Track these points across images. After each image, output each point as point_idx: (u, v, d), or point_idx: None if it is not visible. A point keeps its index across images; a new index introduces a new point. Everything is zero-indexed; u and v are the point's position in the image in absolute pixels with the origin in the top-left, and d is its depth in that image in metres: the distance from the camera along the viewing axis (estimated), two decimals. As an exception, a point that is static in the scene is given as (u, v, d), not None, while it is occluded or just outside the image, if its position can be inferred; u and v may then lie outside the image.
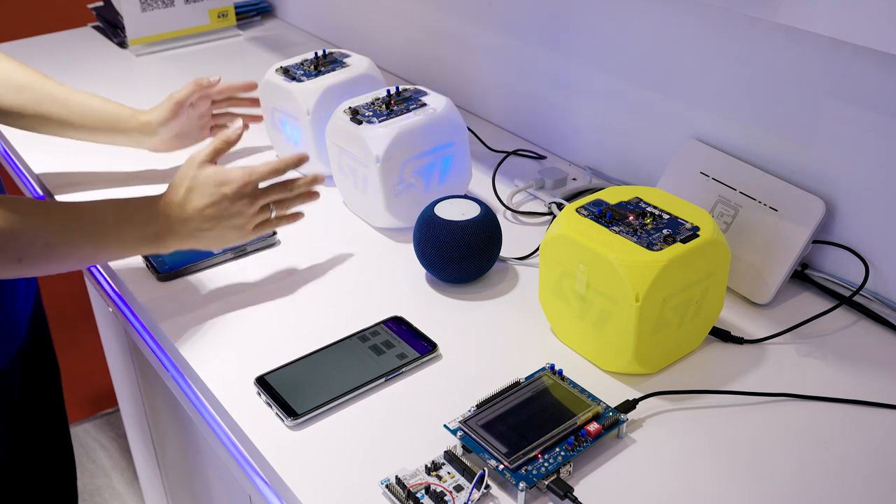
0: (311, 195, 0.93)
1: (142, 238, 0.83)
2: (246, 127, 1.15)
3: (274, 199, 0.89)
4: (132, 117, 1.08)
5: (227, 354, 0.82)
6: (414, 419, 0.74)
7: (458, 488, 0.66)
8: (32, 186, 1.19)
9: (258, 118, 1.19)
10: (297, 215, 0.93)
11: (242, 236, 0.88)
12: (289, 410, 0.74)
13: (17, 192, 1.33)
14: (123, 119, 1.08)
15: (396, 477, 0.67)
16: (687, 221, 0.77)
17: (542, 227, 1.03)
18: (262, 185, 0.88)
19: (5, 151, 1.30)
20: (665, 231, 0.75)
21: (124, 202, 0.84)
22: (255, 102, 1.19)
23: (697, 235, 0.75)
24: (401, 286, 0.91)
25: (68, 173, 1.13)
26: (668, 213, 0.78)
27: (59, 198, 1.09)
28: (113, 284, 0.98)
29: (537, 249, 0.95)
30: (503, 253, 0.94)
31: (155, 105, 1.10)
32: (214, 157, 0.88)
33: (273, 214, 0.89)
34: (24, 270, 0.79)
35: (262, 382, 0.77)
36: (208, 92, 1.11)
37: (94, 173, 1.13)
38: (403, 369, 0.79)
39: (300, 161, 0.91)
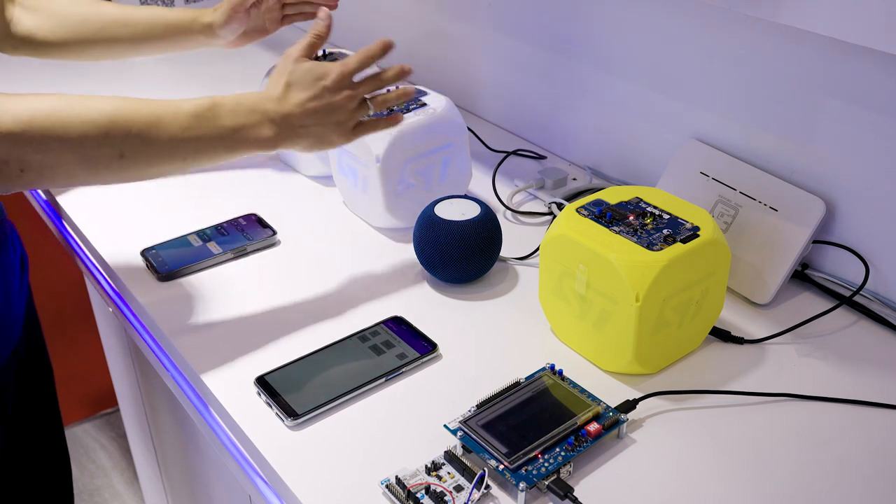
0: (407, 94, 0.88)
1: (243, 134, 0.80)
2: (333, 6, 1.10)
3: (370, 93, 0.85)
4: (195, 21, 1.06)
5: (227, 354, 0.82)
6: (414, 419, 0.74)
7: (459, 488, 0.66)
8: (36, 192, 1.19)
9: (333, 3, 1.11)
10: (397, 117, 0.88)
11: (344, 135, 0.84)
12: (289, 410, 0.74)
13: (20, 197, 1.33)
14: (186, 24, 1.06)
15: (396, 477, 0.67)
16: (687, 221, 0.77)
17: (542, 227, 1.03)
18: (355, 79, 0.85)
19: None
20: (665, 231, 0.75)
21: (220, 98, 0.81)
22: None
23: (697, 235, 0.75)
24: (401, 286, 0.91)
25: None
26: (668, 213, 0.78)
27: (60, 199, 1.09)
28: (113, 284, 0.98)
29: (537, 249, 0.95)
30: (503, 253, 0.94)
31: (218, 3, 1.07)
32: (309, 53, 0.85)
33: (371, 112, 0.86)
34: (128, 170, 0.77)
35: (262, 382, 0.77)
36: None
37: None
38: (403, 369, 0.79)
39: (385, 47, 0.87)
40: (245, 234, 0.99)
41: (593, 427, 0.69)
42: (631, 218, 0.78)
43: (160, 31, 1.06)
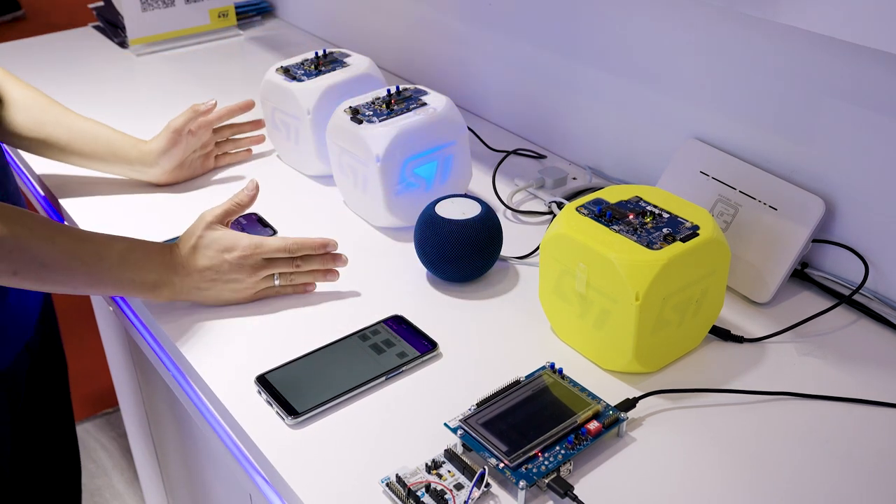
0: (327, 274, 0.90)
1: (139, 284, 0.84)
2: (248, 152, 1.18)
3: (279, 272, 0.88)
4: (134, 147, 1.07)
5: (228, 353, 0.82)
6: (414, 418, 0.74)
7: (459, 487, 0.66)
8: (35, 188, 1.19)
9: (261, 139, 1.20)
10: (307, 286, 0.90)
11: (240, 298, 0.88)
12: (289, 409, 0.74)
13: (20, 193, 1.33)
14: (125, 148, 1.07)
15: (397, 475, 0.67)
16: (687, 220, 0.77)
17: (542, 226, 1.03)
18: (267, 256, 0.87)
19: (7, 152, 1.30)
20: (665, 230, 0.76)
21: (133, 245, 0.84)
22: (256, 124, 1.18)
23: (697, 234, 0.75)
24: (401, 285, 0.92)
25: (70, 175, 1.13)
26: (667, 212, 0.78)
27: (62, 201, 1.09)
28: (113, 284, 0.98)
29: (537, 248, 0.95)
30: (503, 252, 0.94)
31: (156, 134, 1.09)
32: (225, 219, 0.88)
33: (277, 283, 0.88)
34: (19, 283, 0.79)
35: (263, 381, 0.78)
36: (208, 119, 1.11)
37: (96, 176, 1.13)
38: (404, 368, 0.79)
39: (323, 247, 0.89)
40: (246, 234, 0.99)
41: (593, 425, 0.69)
42: (631, 217, 0.78)
43: (95, 147, 1.07)
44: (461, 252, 0.87)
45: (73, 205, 1.08)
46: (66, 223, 0.83)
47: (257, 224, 1.01)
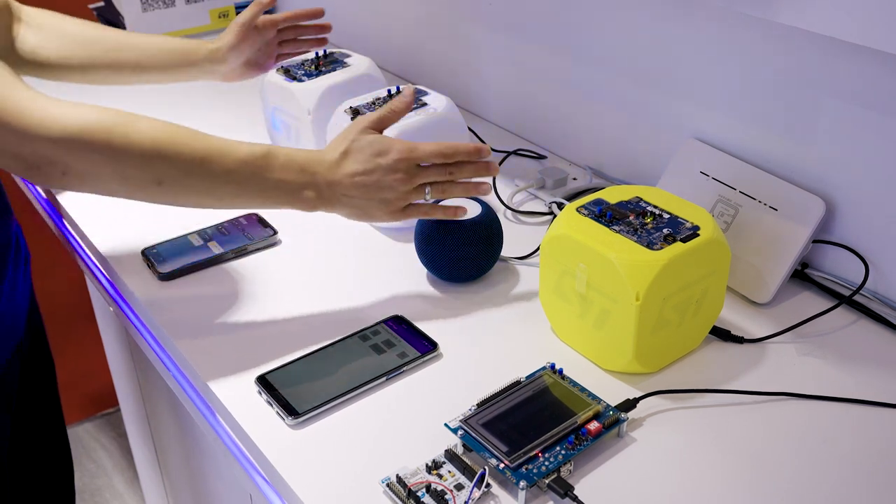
0: (478, 187, 0.85)
1: (285, 191, 0.80)
2: (323, 43, 1.17)
3: (433, 181, 0.83)
4: (200, 46, 1.07)
5: (228, 354, 0.82)
6: (415, 418, 0.74)
7: (459, 487, 0.66)
8: (35, 188, 1.19)
9: (324, 42, 1.19)
10: (458, 209, 0.85)
11: (389, 214, 0.83)
12: (290, 409, 0.74)
13: (21, 196, 1.33)
14: (192, 50, 1.07)
15: (397, 476, 0.67)
16: (687, 221, 0.77)
17: (542, 226, 1.03)
18: (424, 164, 0.83)
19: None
20: (665, 230, 0.76)
21: (275, 149, 0.80)
22: (322, 28, 1.18)
23: (698, 235, 0.75)
24: (401, 285, 0.92)
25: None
26: (668, 213, 0.78)
27: (62, 200, 1.09)
28: (114, 284, 0.98)
29: (538, 249, 0.95)
30: (504, 252, 0.94)
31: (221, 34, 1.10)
32: (379, 126, 0.84)
33: (428, 196, 0.83)
34: (164, 196, 0.78)
35: (263, 381, 0.78)
36: (274, 19, 1.10)
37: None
38: (404, 368, 0.79)
39: (478, 153, 0.84)
40: (246, 234, 0.99)
41: (593, 426, 0.69)
42: (631, 217, 0.78)
43: (165, 58, 1.07)
44: (461, 252, 0.87)
45: (72, 204, 1.08)
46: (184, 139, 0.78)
47: (258, 224, 1.01)
